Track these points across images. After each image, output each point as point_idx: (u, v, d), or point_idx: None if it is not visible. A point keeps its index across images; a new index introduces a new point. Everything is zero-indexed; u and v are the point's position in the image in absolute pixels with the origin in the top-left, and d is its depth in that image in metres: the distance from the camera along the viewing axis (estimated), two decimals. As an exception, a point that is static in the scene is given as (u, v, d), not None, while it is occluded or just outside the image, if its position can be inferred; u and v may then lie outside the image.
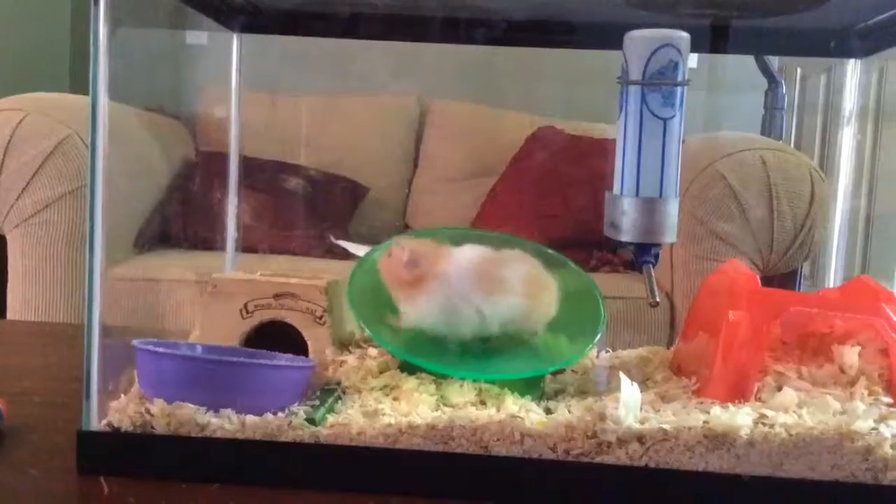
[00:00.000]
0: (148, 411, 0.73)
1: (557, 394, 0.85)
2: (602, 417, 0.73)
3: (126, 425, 0.73)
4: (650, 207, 0.92)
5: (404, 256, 0.84)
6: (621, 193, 0.93)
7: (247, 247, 2.11)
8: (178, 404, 0.74)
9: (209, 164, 2.27)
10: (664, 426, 0.72)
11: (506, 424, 0.73)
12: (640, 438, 0.72)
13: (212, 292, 0.89)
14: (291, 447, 0.72)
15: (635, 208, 0.92)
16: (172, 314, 1.79)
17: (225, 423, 0.73)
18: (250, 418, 0.73)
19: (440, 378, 0.83)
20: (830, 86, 2.59)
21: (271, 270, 0.96)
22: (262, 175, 2.20)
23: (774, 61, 2.44)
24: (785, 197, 1.88)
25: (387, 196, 2.38)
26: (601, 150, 2.21)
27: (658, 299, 0.90)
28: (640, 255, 0.93)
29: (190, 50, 2.53)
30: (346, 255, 1.90)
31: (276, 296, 0.88)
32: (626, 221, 0.92)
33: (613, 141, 0.97)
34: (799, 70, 2.76)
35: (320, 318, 0.88)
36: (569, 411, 0.76)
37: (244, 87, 2.41)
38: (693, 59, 0.95)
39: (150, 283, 1.89)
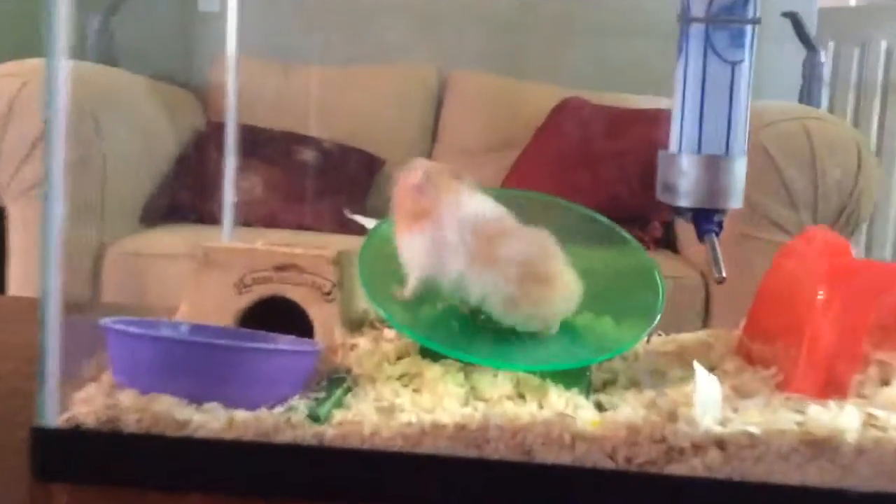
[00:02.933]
0: (117, 404, 0.59)
1: (606, 385, 0.70)
2: (673, 417, 0.57)
3: (91, 421, 0.59)
4: (714, 166, 0.76)
5: (415, 179, 0.71)
6: (679, 150, 0.77)
7: (257, 221, 1.98)
8: (153, 396, 0.59)
9: (221, 135, 2.12)
10: (750, 429, 0.56)
11: (552, 425, 0.58)
12: (721, 444, 0.56)
13: (202, 262, 0.74)
14: (290, 450, 0.57)
15: (697, 167, 0.76)
16: (176, 292, 1.65)
17: (210, 419, 0.58)
18: (240, 414, 0.58)
19: (470, 365, 0.68)
20: (864, 59, 2.42)
21: (274, 241, 0.81)
22: (274, 146, 2.05)
23: (811, 30, 2.26)
24: (830, 168, 1.72)
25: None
26: (631, 120, 2.05)
27: (724, 274, 0.75)
28: (702, 223, 0.78)
29: (202, 17, 2.38)
30: (361, 230, 1.76)
31: (278, 268, 0.73)
32: (684, 183, 0.77)
33: (644, 111, 0.80)
34: (832, 44, 2.58)
35: (328, 293, 0.73)
36: (629, 408, 0.61)
37: (257, 56, 2.26)
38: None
39: (155, 258, 1.75)
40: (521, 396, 0.64)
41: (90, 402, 0.60)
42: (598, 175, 2.03)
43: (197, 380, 0.59)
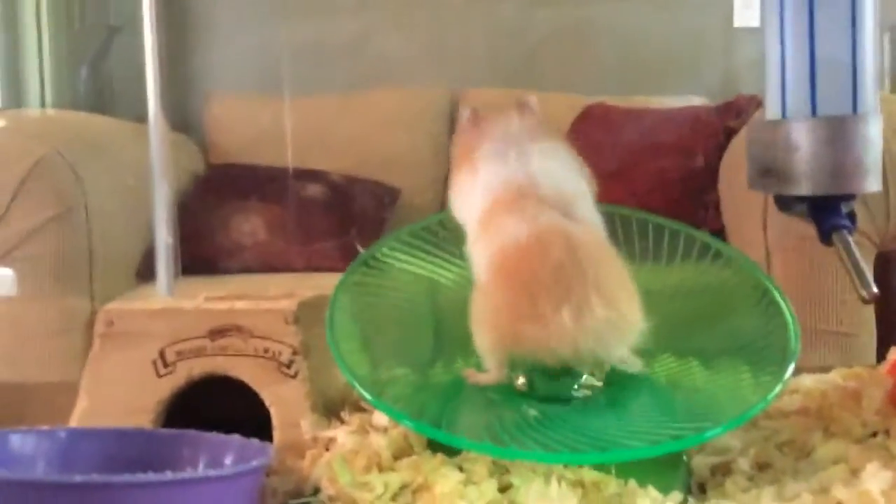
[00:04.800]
0: None
1: (717, 474, 0.43)
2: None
3: None
4: (840, 133, 0.50)
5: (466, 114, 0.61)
6: (783, 114, 0.52)
7: (262, 265, 1.75)
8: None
9: (220, 178, 1.90)
10: None
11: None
12: None
13: (105, 334, 0.49)
14: None
15: (814, 137, 0.50)
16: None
17: None
18: None
19: (506, 462, 0.42)
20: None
21: (227, 291, 0.56)
22: (277, 184, 1.82)
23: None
24: (902, 153, 1.44)
25: (421, 197, 1.98)
26: (664, 122, 1.80)
27: (874, 288, 0.49)
28: (827, 217, 0.52)
29: (191, 53, 2.16)
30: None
31: (213, 333, 0.48)
32: (796, 161, 0.51)
33: (678, 111, 0.55)
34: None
35: (288, 366, 0.47)
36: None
37: (255, 91, 2.05)
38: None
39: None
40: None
41: None
42: (632, 184, 1.77)
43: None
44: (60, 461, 0.41)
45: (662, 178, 1.72)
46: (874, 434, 0.46)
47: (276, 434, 0.47)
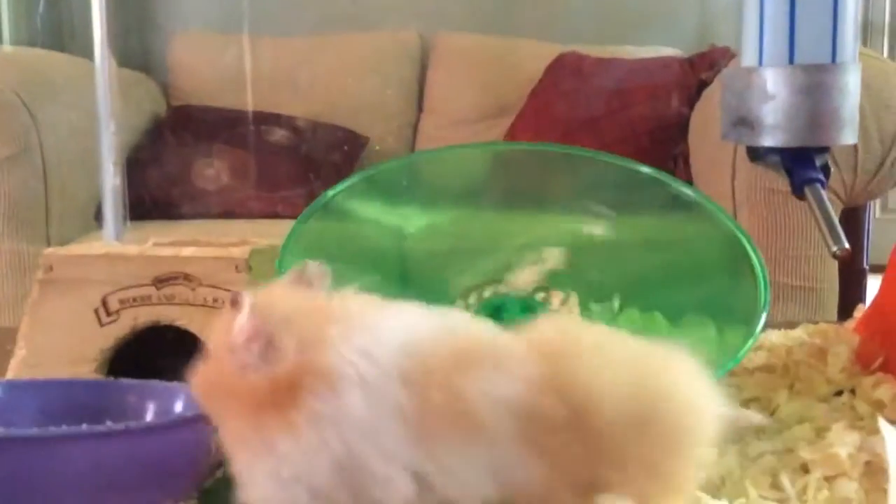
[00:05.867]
0: None
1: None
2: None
3: None
4: (817, 82, 0.48)
5: (242, 326, 0.31)
6: (760, 62, 0.50)
7: (223, 211, 1.71)
8: None
9: (182, 120, 1.85)
10: None
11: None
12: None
13: (44, 280, 0.46)
14: None
15: (790, 85, 0.48)
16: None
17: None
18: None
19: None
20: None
21: (176, 237, 0.53)
22: (240, 128, 1.77)
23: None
24: (871, 110, 1.43)
25: (389, 145, 1.94)
26: (636, 72, 1.77)
27: (846, 244, 0.47)
28: (800, 170, 0.50)
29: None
30: (343, 214, 1.50)
31: (158, 280, 0.45)
32: (771, 111, 0.49)
33: (650, 61, 0.52)
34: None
35: (238, 315, 0.45)
36: (738, 498, 0.33)
37: (218, 30, 1.98)
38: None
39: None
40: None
41: None
42: (603, 135, 1.75)
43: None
44: (-5, 414, 0.39)
45: (632, 128, 1.70)
46: (839, 392, 0.45)
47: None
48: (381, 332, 0.31)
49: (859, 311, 0.53)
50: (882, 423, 0.34)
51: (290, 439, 0.29)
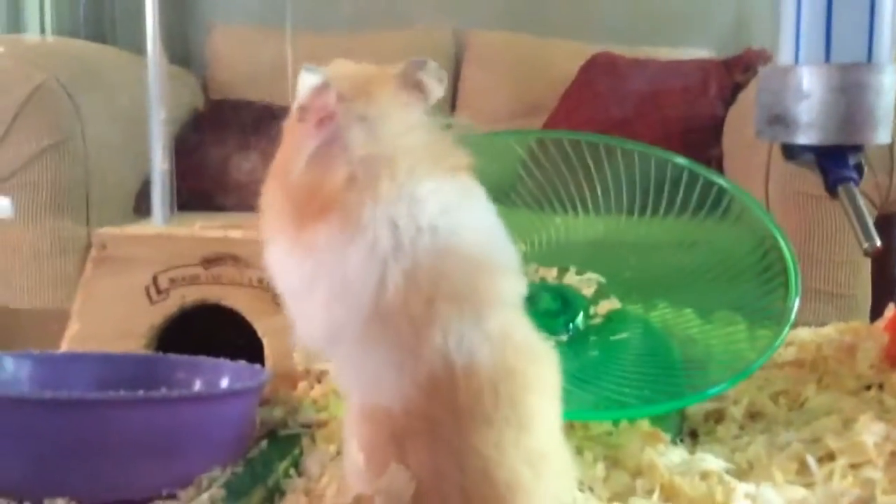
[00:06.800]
0: None
1: (710, 420, 0.43)
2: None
3: None
4: (853, 81, 0.49)
5: (308, 97, 0.37)
6: (796, 61, 0.50)
7: (258, 204, 1.74)
8: (-42, 492, 0.33)
9: (220, 113, 1.87)
10: None
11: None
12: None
13: (98, 258, 0.48)
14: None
15: (825, 84, 0.49)
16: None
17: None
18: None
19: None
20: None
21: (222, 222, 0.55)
22: (277, 122, 1.79)
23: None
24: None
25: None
26: (669, 74, 1.77)
27: (878, 241, 0.48)
28: (834, 168, 0.51)
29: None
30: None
31: (207, 261, 0.47)
32: (806, 109, 0.50)
33: (684, 63, 0.53)
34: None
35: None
36: (764, 480, 0.34)
37: (257, 23, 2.01)
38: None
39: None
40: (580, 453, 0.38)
41: None
42: (636, 136, 1.74)
43: (32, 458, 0.33)
44: (55, 384, 0.41)
45: (666, 130, 1.70)
46: (868, 387, 0.45)
47: (269, 364, 0.46)
48: (424, 217, 0.33)
49: (889, 311, 0.53)
50: None
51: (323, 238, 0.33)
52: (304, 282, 0.33)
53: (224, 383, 0.42)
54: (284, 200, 0.34)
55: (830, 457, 0.37)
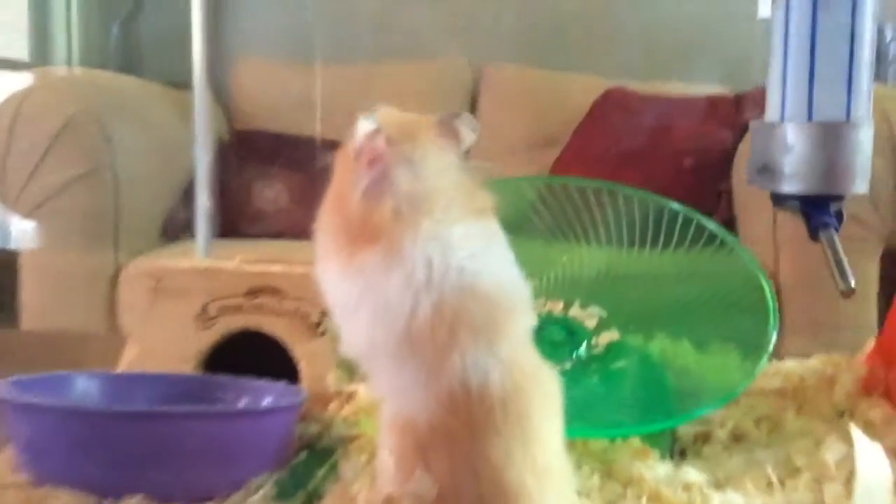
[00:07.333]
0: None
1: (698, 441, 0.49)
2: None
3: (-37, 527, 0.39)
4: (832, 137, 0.55)
5: (362, 140, 0.42)
6: (782, 119, 0.57)
7: (281, 232, 1.81)
8: (49, 491, 0.40)
9: (245, 144, 1.95)
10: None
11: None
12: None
13: (154, 289, 0.55)
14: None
15: (808, 139, 0.55)
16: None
17: (127, 524, 0.38)
18: (171, 515, 0.39)
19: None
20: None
21: (260, 255, 0.62)
22: (301, 152, 1.87)
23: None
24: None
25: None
26: (682, 110, 1.83)
27: (853, 284, 0.53)
28: (815, 215, 0.57)
29: (220, 20, 2.21)
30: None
31: (250, 292, 0.54)
32: (791, 162, 0.56)
33: (696, 99, 0.60)
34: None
35: (318, 324, 0.53)
36: (738, 490, 0.40)
37: (280, 58, 2.09)
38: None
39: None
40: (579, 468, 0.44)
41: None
42: (647, 171, 1.81)
43: (111, 462, 0.40)
44: (121, 399, 0.47)
45: (677, 164, 1.76)
46: (842, 414, 0.51)
47: (304, 385, 0.53)
48: (454, 258, 0.39)
49: (870, 343, 0.59)
50: (853, 430, 0.40)
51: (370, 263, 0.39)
52: (353, 300, 0.40)
53: (266, 402, 0.48)
54: (339, 227, 0.41)
55: (798, 472, 0.42)
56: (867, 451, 0.39)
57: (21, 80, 1.63)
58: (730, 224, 1.74)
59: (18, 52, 2.09)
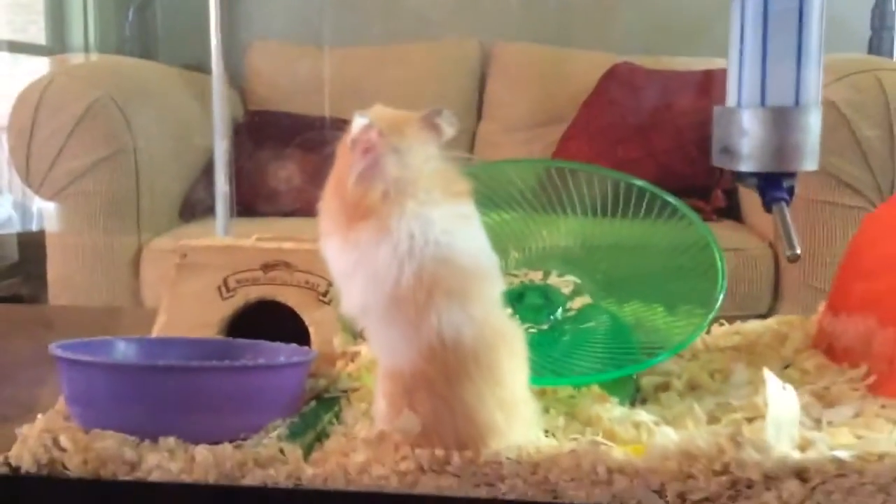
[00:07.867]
0: (57, 443, 0.48)
1: (658, 390, 0.57)
2: (736, 440, 0.44)
3: (28, 464, 0.48)
4: (782, 121, 0.62)
5: (357, 133, 0.49)
6: (739, 104, 0.63)
7: (294, 210, 1.89)
8: (97, 433, 0.48)
9: (259, 124, 2.03)
10: (839, 453, 0.43)
11: (583, 455, 0.45)
12: (801, 474, 0.43)
13: (180, 264, 0.63)
14: (258, 494, 0.46)
15: (761, 123, 0.62)
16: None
17: (165, 459, 0.47)
18: (201, 451, 0.47)
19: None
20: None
21: (274, 233, 0.70)
22: (313, 132, 1.94)
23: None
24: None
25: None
26: (685, 84, 1.88)
27: (798, 251, 0.61)
28: (769, 190, 0.64)
29: (235, 4, 2.28)
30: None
31: (265, 266, 0.62)
32: (746, 143, 0.63)
33: (699, 73, 0.67)
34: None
35: (325, 294, 0.61)
36: (680, 429, 0.48)
37: (293, 40, 2.16)
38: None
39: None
40: (546, 412, 0.51)
41: (29, 439, 0.49)
42: (653, 144, 1.87)
43: (149, 410, 0.48)
44: (156, 359, 0.55)
45: (680, 138, 1.82)
46: (787, 366, 0.58)
47: (314, 347, 0.61)
48: (433, 233, 0.47)
49: (821, 306, 0.66)
50: (766, 373, 0.48)
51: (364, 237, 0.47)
52: (349, 268, 0.47)
53: (281, 359, 0.56)
54: (339, 207, 0.48)
55: (734, 412, 0.50)
56: (778, 391, 0.46)
57: (40, 65, 1.71)
58: (732, 195, 1.80)
59: (36, 36, 2.16)
